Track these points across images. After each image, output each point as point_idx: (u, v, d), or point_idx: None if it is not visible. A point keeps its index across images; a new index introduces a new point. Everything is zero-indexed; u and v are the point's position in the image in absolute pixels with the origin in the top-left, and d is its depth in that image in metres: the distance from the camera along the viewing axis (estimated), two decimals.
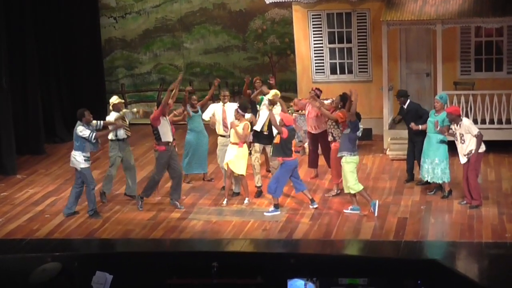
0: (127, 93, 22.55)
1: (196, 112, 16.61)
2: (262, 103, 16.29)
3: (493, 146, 16.98)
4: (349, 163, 14.47)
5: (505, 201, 14.95)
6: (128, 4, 22.27)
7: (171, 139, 15.26)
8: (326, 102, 18.27)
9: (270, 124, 15.63)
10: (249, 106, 16.06)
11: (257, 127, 16.01)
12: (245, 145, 15.50)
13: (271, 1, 19.55)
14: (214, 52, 22.04)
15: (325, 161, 16.68)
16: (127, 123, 15.86)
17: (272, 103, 16.01)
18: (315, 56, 19.76)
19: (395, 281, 11.86)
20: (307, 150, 17.70)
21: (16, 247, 13.90)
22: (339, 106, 15.43)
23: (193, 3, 21.91)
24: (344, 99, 15.18)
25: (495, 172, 16.70)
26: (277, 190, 14.78)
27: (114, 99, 16.05)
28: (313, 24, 19.59)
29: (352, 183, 14.43)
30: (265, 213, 14.88)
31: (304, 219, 14.55)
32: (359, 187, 14.48)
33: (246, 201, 15.49)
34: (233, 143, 15.42)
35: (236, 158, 15.34)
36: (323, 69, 19.79)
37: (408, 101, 15.98)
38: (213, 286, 12.44)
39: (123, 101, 16.50)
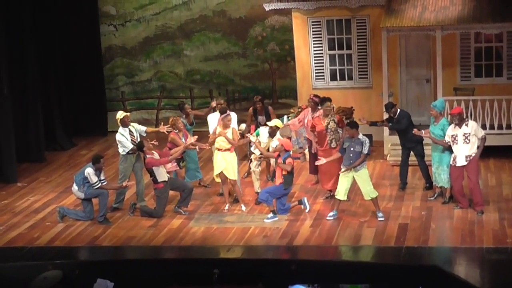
0: (127, 100, 22.54)
1: (191, 125, 16.89)
2: (260, 134, 16.24)
3: (493, 151, 17.00)
4: (366, 170, 14.78)
5: (506, 206, 14.94)
6: (128, 12, 22.27)
7: (166, 178, 15.26)
8: None
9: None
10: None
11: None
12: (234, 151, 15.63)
13: (271, 8, 19.54)
14: (214, 59, 22.03)
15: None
16: (136, 137, 15.81)
17: (272, 134, 15.96)
18: (315, 63, 19.76)
19: (396, 287, 11.86)
20: (307, 156, 17.69)
21: (17, 255, 13.90)
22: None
23: (193, 11, 21.90)
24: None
25: (495, 177, 16.69)
26: (268, 199, 14.90)
27: (119, 115, 15.92)
28: (313, 31, 19.59)
29: (371, 188, 14.71)
30: (265, 220, 14.88)
31: (305, 225, 14.55)
32: (376, 193, 14.74)
33: (243, 207, 15.50)
34: (224, 150, 15.44)
35: (228, 164, 15.42)
36: (323, 75, 19.78)
37: (398, 110, 16.07)
38: None
39: (128, 114, 16.20)
